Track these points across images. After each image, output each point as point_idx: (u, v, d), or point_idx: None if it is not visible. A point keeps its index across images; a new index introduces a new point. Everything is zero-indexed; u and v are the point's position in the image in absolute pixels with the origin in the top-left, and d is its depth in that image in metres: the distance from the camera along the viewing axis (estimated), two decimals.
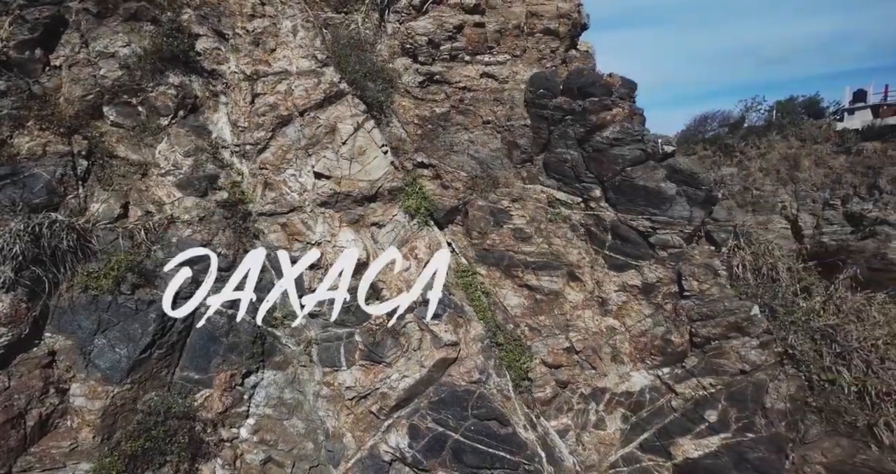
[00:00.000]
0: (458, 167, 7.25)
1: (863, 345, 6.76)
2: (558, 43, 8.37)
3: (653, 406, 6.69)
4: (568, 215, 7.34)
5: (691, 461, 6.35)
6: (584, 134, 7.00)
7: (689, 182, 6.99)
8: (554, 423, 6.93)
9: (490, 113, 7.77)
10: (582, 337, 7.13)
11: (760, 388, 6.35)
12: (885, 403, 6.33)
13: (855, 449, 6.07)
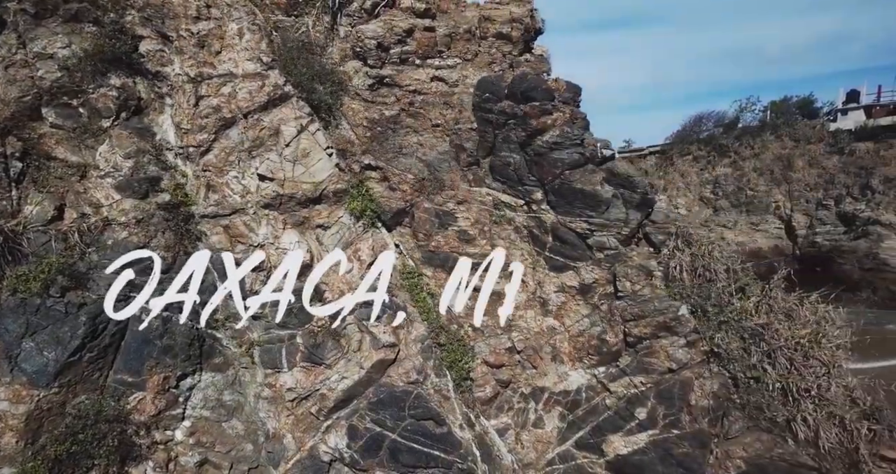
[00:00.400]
0: (405, 169, 7.36)
1: (788, 343, 7.02)
2: (511, 47, 8.48)
3: (588, 404, 6.87)
4: (512, 217, 7.45)
5: (621, 457, 6.55)
6: (526, 138, 7.13)
7: (625, 185, 7.11)
8: (494, 422, 7.05)
9: (439, 116, 7.88)
10: (524, 337, 7.30)
11: (687, 386, 6.56)
12: (805, 399, 6.60)
13: (773, 443, 6.34)
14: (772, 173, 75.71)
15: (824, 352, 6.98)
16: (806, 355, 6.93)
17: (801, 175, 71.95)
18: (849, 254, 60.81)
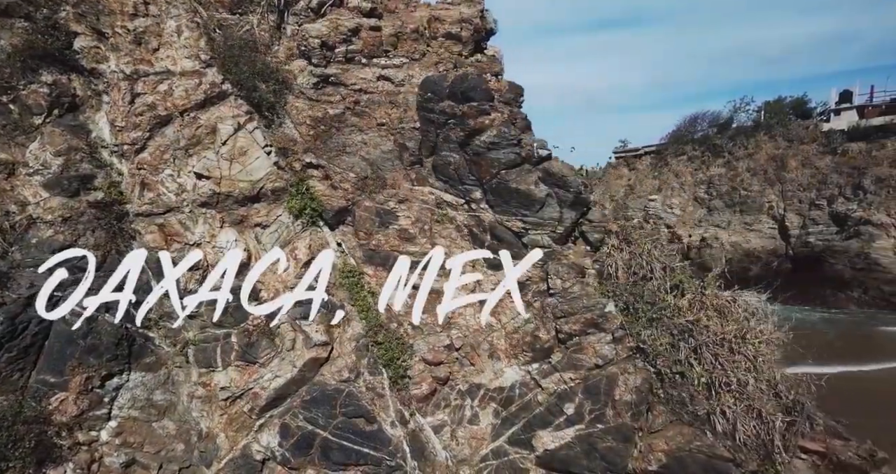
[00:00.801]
0: (347, 168, 7.43)
1: (716, 339, 7.27)
2: (461, 47, 8.55)
3: (521, 401, 7.01)
4: (454, 216, 7.53)
5: (549, 452, 6.71)
6: (464, 137, 7.22)
7: (560, 184, 7.19)
8: (430, 419, 7.19)
9: (385, 115, 7.94)
10: (462, 334, 7.45)
11: (612, 381, 6.77)
12: (726, 393, 6.86)
13: (693, 436, 6.57)
14: (765, 173, 75.89)
15: (749, 348, 7.23)
16: (732, 350, 7.17)
17: (794, 175, 72.13)
18: (841, 254, 61.04)
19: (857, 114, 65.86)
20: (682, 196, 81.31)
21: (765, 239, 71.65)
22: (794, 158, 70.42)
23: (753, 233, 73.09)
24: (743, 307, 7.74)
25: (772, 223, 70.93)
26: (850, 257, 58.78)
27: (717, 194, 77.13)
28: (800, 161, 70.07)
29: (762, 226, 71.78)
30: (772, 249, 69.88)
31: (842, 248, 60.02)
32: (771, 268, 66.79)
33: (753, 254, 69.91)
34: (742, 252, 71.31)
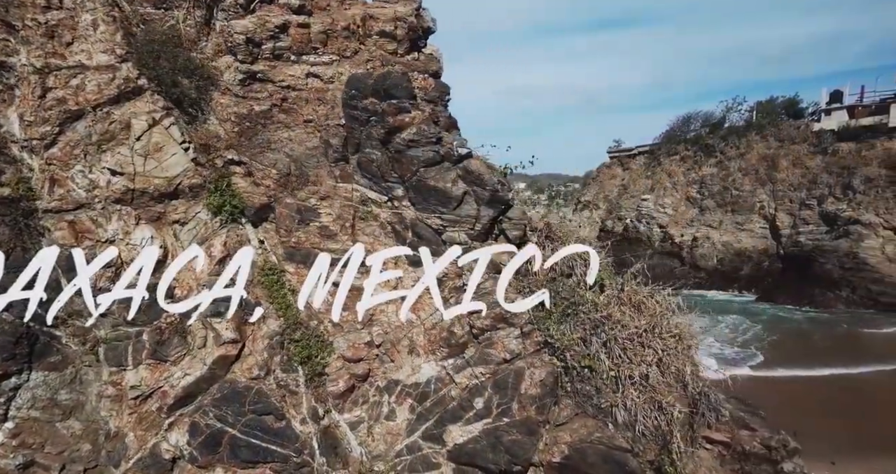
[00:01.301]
0: (270, 165, 7.51)
1: (627, 333, 7.53)
2: (395, 45, 8.62)
3: (436, 396, 7.15)
4: (377, 214, 7.62)
5: (458, 447, 6.87)
6: (385, 135, 7.32)
7: (477, 183, 7.27)
8: (347, 416, 7.32)
9: (312, 112, 8.04)
10: (383, 331, 7.59)
11: (520, 375, 6.95)
12: (631, 386, 7.10)
13: (595, 428, 6.80)
14: (756, 173, 75.89)
15: (658, 342, 7.50)
16: (642, 344, 7.45)
17: (785, 175, 72.14)
18: (830, 253, 61.13)
19: (847, 114, 65.98)
20: (675, 195, 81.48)
21: (756, 238, 72.03)
22: (785, 158, 70.89)
23: (745, 232, 73.39)
24: (660, 302, 7.76)
25: (763, 223, 71.29)
26: (839, 257, 59.17)
27: (708, 194, 77.57)
28: (791, 161, 70.53)
29: (753, 225, 72.16)
30: (763, 249, 70.22)
31: (831, 248, 60.41)
32: (762, 267, 67.22)
33: (745, 253, 70.21)
34: (733, 251, 71.61)
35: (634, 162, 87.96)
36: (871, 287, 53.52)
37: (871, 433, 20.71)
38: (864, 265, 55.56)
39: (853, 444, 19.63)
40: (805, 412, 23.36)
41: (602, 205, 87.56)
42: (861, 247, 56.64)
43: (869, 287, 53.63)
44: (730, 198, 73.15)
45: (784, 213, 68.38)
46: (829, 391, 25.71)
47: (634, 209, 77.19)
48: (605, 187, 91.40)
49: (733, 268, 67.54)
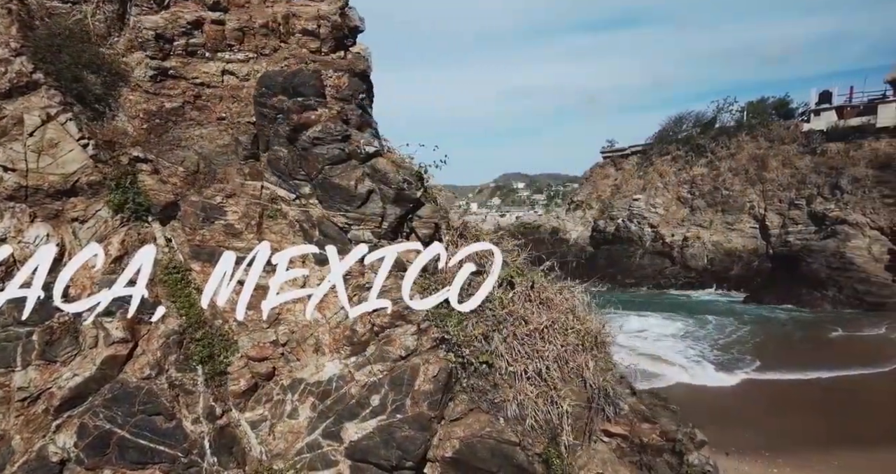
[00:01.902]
0: (177, 162, 7.55)
1: (529, 329, 7.67)
2: (319, 44, 8.53)
3: (337, 394, 7.23)
4: (286, 212, 7.52)
5: (353, 444, 6.97)
6: (291, 132, 7.39)
7: (384, 181, 7.20)
8: (249, 415, 7.37)
9: (226, 109, 8.10)
10: (290, 329, 7.70)
11: (415, 372, 7.08)
12: (526, 381, 7.27)
13: (487, 423, 6.94)
14: (746, 173, 75.81)
15: (559, 337, 7.68)
16: (543, 340, 7.61)
17: (774, 175, 72.07)
18: (818, 253, 61.09)
19: (836, 114, 65.95)
20: (666, 195, 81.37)
21: (746, 238, 72.11)
22: (774, 158, 71.05)
23: (735, 232, 73.41)
24: (567, 299, 7.78)
25: (753, 222, 71.37)
26: (827, 256, 59.30)
27: (699, 194, 77.57)
28: (780, 161, 70.66)
29: (743, 225, 72.22)
30: (752, 249, 70.28)
31: (819, 248, 60.54)
32: (752, 267, 67.40)
33: (735, 253, 70.23)
34: (723, 251, 71.60)
35: (627, 162, 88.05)
36: (857, 286, 53.64)
37: (835, 430, 21.12)
38: (850, 265, 55.70)
39: (816, 440, 20.31)
40: (771, 413, 23.73)
41: (595, 204, 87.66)
42: (848, 247, 56.82)
43: (855, 286, 53.74)
44: (720, 197, 73.33)
45: (773, 213, 68.57)
46: (804, 393, 25.90)
47: (626, 209, 77.20)
48: (598, 187, 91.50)
49: (723, 267, 67.69)
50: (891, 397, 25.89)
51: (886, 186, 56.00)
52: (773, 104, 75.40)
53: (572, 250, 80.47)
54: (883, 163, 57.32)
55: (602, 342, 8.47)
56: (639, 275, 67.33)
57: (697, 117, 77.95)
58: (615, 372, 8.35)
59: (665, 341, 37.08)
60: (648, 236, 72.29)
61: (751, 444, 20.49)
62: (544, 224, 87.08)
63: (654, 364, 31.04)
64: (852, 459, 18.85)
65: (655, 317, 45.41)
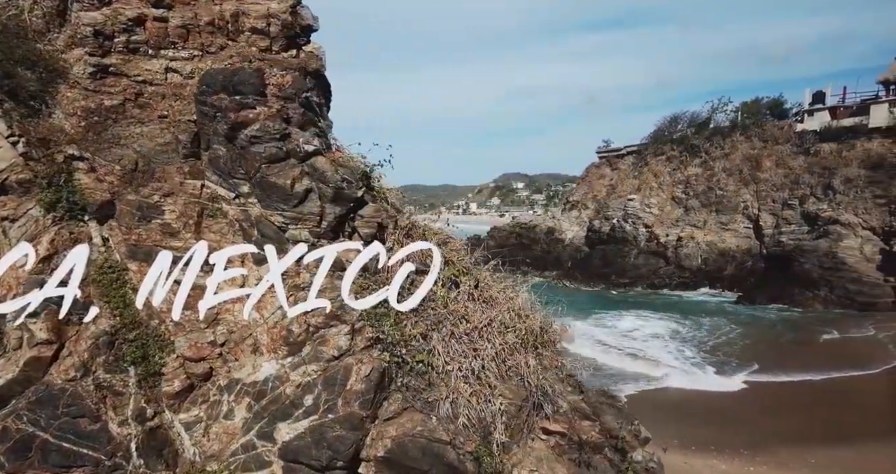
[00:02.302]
0: (115, 160, 7.48)
1: (469, 328, 7.65)
2: (269, 42, 8.43)
3: (273, 394, 7.22)
4: (227, 211, 7.39)
5: (286, 444, 6.96)
6: (229, 131, 7.37)
7: (322, 180, 7.05)
8: (183, 416, 7.36)
9: (168, 108, 8.00)
10: (228, 330, 7.72)
11: (348, 372, 7.09)
12: (462, 380, 7.24)
13: (419, 422, 6.96)
14: (740, 173, 75.83)
15: (497, 336, 7.70)
16: (482, 338, 7.63)
17: (768, 175, 72.09)
18: (810, 253, 61.05)
19: (829, 114, 65.91)
20: (661, 195, 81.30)
21: (740, 238, 72.08)
22: (768, 158, 71.06)
23: (729, 232, 73.39)
24: (512, 298, 7.72)
25: (746, 223, 71.35)
26: (819, 256, 59.29)
27: (693, 194, 77.57)
28: (774, 161, 70.67)
29: (737, 225, 72.20)
30: (746, 249, 70.26)
31: (811, 248, 60.52)
32: (745, 267, 67.35)
33: (728, 253, 70.22)
34: (717, 251, 71.60)
35: (623, 162, 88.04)
36: (849, 286, 53.57)
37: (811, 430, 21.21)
38: (842, 265, 55.65)
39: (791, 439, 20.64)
40: (754, 413, 23.75)
41: (590, 204, 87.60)
42: (840, 247, 56.76)
43: (846, 286, 53.68)
44: (714, 198, 73.33)
45: (767, 213, 68.54)
46: (791, 395, 25.90)
47: (621, 209, 77.13)
48: (593, 187, 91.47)
49: (717, 267, 67.65)
50: (877, 398, 26.01)
51: (878, 186, 56.00)
52: (767, 104, 75.34)
53: (567, 250, 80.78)
54: (875, 164, 57.28)
55: (548, 340, 8.42)
56: (633, 275, 67.29)
57: (692, 117, 78.06)
58: (561, 369, 8.36)
59: (653, 341, 37.01)
60: (643, 236, 72.27)
61: (730, 443, 20.62)
62: (540, 224, 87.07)
63: (635, 363, 31.10)
64: (828, 457, 19.33)
65: (645, 316, 45.43)
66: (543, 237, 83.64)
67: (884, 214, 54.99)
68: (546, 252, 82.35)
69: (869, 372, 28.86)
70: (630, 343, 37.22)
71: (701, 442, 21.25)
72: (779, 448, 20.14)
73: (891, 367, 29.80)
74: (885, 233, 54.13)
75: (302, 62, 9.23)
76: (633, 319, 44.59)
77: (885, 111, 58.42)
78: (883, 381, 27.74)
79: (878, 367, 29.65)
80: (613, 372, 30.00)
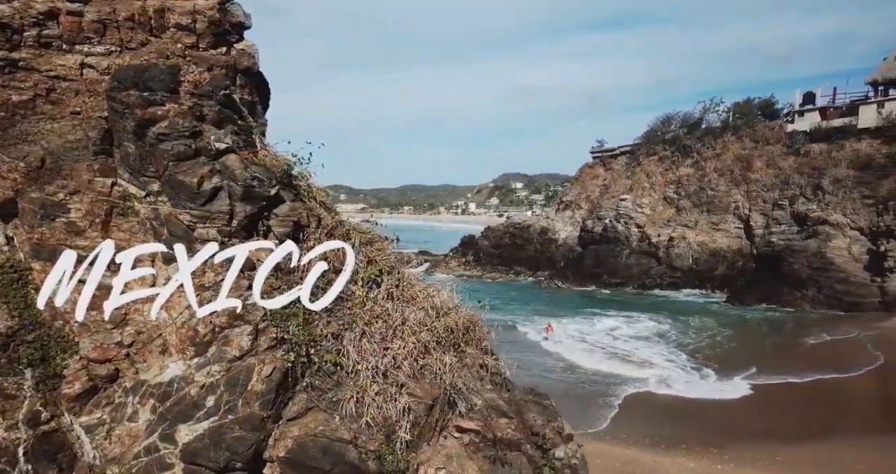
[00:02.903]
0: (20, 157, 7.28)
1: (383, 327, 7.57)
2: (195, 39, 8.26)
3: (177, 395, 7.16)
4: (138, 209, 7.21)
5: (186, 446, 6.89)
6: (137, 128, 7.28)
7: (232, 178, 6.86)
8: (85, 419, 7.26)
9: (82, 104, 7.75)
10: (137, 330, 7.70)
11: (250, 372, 7.01)
12: (370, 379, 7.14)
13: (323, 421, 6.92)
14: (731, 173, 75.76)
15: (411, 336, 7.59)
16: (397, 337, 7.55)
17: (758, 175, 72.05)
18: (799, 253, 60.96)
19: (819, 115, 65.84)
20: (653, 195, 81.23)
21: (730, 238, 72.03)
22: (759, 159, 71.02)
23: (720, 232, 73.27)
24: (433, 296, 7.67)
25: (737, 223, 71.26)
26: (808, 256, 59.25)
27: (685, 194, 77.51)
28: (765, 161, 70.63)
29: (728, 225, 72.12)
30: (737, 249, 70.20)
31: (801, 248, 60.48)
32: (736, 267, 67.19)
33: (719, 253, 70.15)
34: (708, 251, 71.51)
35: (617, 162, 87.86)
36: (837, 286, 53.47)
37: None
38: (830, 265, 55.52)
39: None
40: (732, 413, 23.71)
41: (584, 205, 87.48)
42: (828, 247, 56.66)
43: (834, 286, 53.57)
44: (705, 198, 73.23)
45: (758, 213, 68.44)
46: (770, 396, 25.86)
47: (614, 209, 76.89)
48: (587, 187, 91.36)
49: (708, 267, 67.58)
50: (850, 398, 26.10)
51: (866, 187, 55.94)
52: (758, 105, 75.31)
53: (560, 250, 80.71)
54: (863, 164, 57.19)
55: (473, 338, 8.32)
56: (624, 275, 67.22)
57: (685, 117, 77.95)
58: (485, 367, 8.28)
59: (634, 342, 36.91)
60: (635, 236, 72.14)
61: (700, 441, 20.60)
62: (534, 224, 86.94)
63: (613, 363, 31.06)
64: (794, 455, 19.76)
65: (631, 316, 45.30)
66: (537, 237, 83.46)
67: (871, 214, 54.88)
68: (539, 252, 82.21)
69: (847, 374, 28.88)
70: (612, 342, 37.08)
71: (672, 441, 21.30)
72: (747, 446, 20.50)
73: (868, 369, 29.89)
74: (873, 233, 54.01)
75: (231, 60, 9.09)
76: (619, 319, 44.41)
77: (874, 112, 58.32)
78: (857, 383, 27.94)
79: (856, 369, 29.76)
80: (590, 372, 29.98)
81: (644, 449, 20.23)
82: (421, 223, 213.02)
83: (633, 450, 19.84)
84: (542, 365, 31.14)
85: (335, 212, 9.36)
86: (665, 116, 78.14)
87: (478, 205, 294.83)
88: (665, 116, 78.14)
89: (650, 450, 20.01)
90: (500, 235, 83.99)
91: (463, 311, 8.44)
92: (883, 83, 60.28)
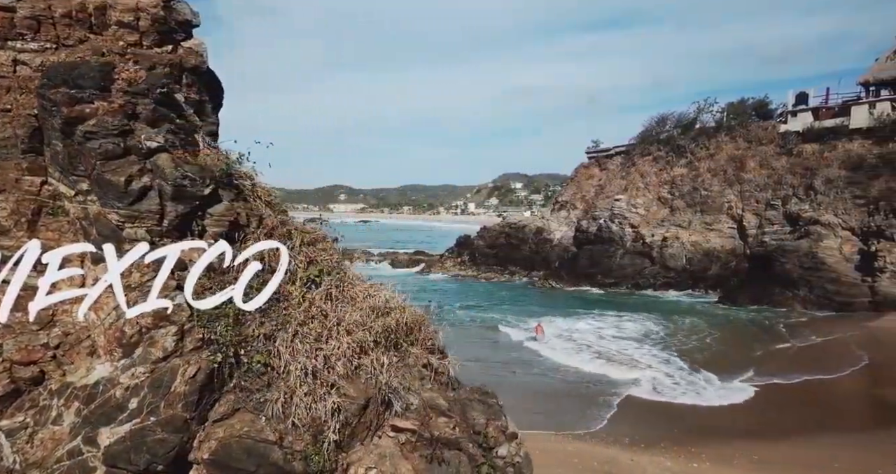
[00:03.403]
0: None
1: (317, 327, 7.48)
2: (138, 37, 8.12)
3: (102, 397, 7.04)
4: (68, 209, 7.11)
5: (107, 449, 6.79)
6: (64, 126, 7.15)
7: (162, 177, 6.78)
8: (6, 422, 7.14)
9: (13, 101, 7.64)
10: (64, 332, 7.65)
11: (174, 373, 6.93)
12: (300, 379, 7.05)
13: (249, 422, 6.85)
14: (725, 173, 75.67)
15: (346, 335, 7.52)
16: (332, 337, 7.45)
17: (752, 175, 71.98)
18: (791, 253, 60.92)
19: (812, 115, 65.77)
20: (647, 196, 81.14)
21: (724, 238, 71.92)
22: (752, 159, 70.96)
23: (713, 232, 73.17)
24: (373, 297, 7.65)
25: (731, 223, 71.18)
26: (800, 256, 59.15)
27: (679, 194, 77.40)
28: (758, 162, 70.59)
29: (722, 225, 72.01)
30: (730, 249, 70.10)
31: (793, 248, 60.40)
32: (729, 267, 66.98)
33: (713, 253, 70.01)
34: (702, 251, 71.38)
35: (612, 162, 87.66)
36: (828, 286, 53.29)
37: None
38: (821, 265, 55.36)
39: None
40: (713, 414, 23.59)
41: (579, 205, 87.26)
42: (820, 247, 56.51)
43: (825, 286, 53.40)
44: (699, 198, 73.07)
45: (751, 214, 68.31)
46: (743, 397, 25.72)
47: (608, 209, 76.71)
48: (582, 187, 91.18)
49: (702, 267, 67.36)
50: (838, 399, 25.91)
51: (858, 187, 55.80)
52: (752, 105, 75.20)
53: (555, 250, 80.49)
54: (855, 165, 57.07)
55: (417, 338, 8.20)
56: (619, 275, 67.02)
57: (679, 118, 77.73)
58: (428, 367, 8.16)
59: (622, 342, 36.70)
60: (629, 236, 71.93)
61: (679, 441, 20.49)
62: (529, 224, 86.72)
63: (600, 363, 30.88)
64: (771, 453, 19.70)
65: (621, 316, 45.11)
66: (532, 237, 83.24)
67: (863, 215, 54.75)
68: (535, 252, 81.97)
69: (832, 375, 28.72)
70: (599, 342, 36.87)
71: (651, 440, 21.18)
72: (725, 445, 20.45)
73: (853, 370, 29.74)
74: (864, 233, 53.89)
75: (178, 58, 8.97)
76: (609, 320, 44.23)
77: (865, 112, 58.22)
78: (841, 383, 27.74)
79: (841, 370, 29.52)
80: (575, 373, 29.77)
81: (623, 447, 20.13)
82: (420, 223, 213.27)
83: (611, 450, 19.80)
84: (527, 365, 31.00)
85: (281, 212, 9.23)
86: (660, 116, 78.12)
87: (477, 206, 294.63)
88: (660, 116, 78.12)
89: (628, 449, 19.89)
90: (495, 235, 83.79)
91: (408, 311, 8.38)
92: (874, 84, 60.27)
